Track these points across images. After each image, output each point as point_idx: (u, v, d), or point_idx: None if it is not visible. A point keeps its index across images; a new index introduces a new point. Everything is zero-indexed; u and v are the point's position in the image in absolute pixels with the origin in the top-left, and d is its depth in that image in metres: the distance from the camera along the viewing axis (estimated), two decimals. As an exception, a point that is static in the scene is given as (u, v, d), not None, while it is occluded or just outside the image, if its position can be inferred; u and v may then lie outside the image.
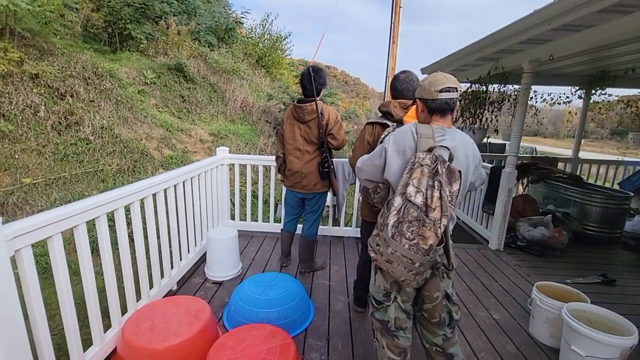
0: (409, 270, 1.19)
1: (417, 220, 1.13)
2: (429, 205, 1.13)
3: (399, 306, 1.41)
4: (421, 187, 1.14)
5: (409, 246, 1.14)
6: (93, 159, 4.77)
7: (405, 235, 1.15)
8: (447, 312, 1.44)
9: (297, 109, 2.40)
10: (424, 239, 1.12)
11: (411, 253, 1.14)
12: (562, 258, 3.37)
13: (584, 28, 2.37)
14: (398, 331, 1.42)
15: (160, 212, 2.20)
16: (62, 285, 1.40)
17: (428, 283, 1.39)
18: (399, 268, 1.20)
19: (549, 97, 4.81)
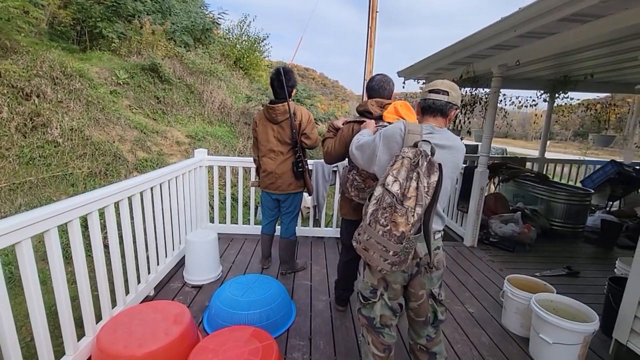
0: (385, 259, 1.22)
1: (390, 207, 1.17)
2: (405, 194, 1.16)
3: (385, 303, 1.44)
4: (399, 177, 1.18)
5: (382, 232, 1.18)
6: (62, 162, 4.55)
7: (379, 221, 1.18)
8: (433, 312, 1.49)
9: (270, 110, 2.41)
10: (396, 225, 1.15)
11: (384, 240, 1.18)
12: (531, 252, 3.55)
13: (547, 35, 2.53)
14: (383, 328, 1.46)
15: (137, 215, 2.14)
16: (33, 295, 1.33)
17: (413, 280, 1.42)
18: (375, 256, 1.23)
19: (517, 100, 5.07)
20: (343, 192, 2.00)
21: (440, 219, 1.43)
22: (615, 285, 2.10)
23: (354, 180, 1.85)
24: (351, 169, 1.89)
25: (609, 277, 2.20)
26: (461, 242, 3.75)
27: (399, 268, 1.27)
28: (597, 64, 3.62)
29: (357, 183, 1.84)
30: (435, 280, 1.45)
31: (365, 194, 1.82)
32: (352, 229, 2.07)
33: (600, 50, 2.98)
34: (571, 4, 1.95)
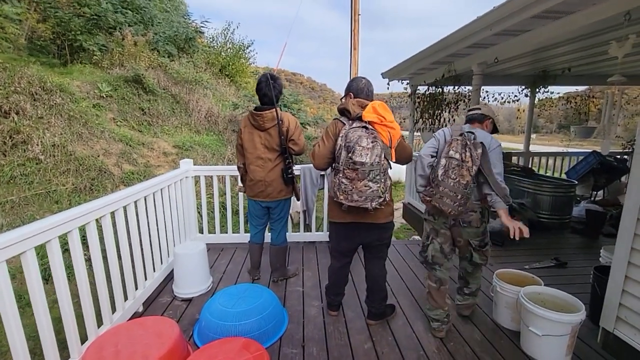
0: (454, 202, 1.84)
1: (457, 166, 1.84)
2: (463, 159, 1.83)
3: (436, 247, 2.10)
4: (458, 150, 1.86)
5: (453, 183, 1.83)
6: (44, 180, 4.46)
7: (450, 177, 1.85)
8: (470, 254, 2.17)
9: (256, 117, 2.39)
10: (463, 177, 1.82)
11: (455, 187, 1.83)
12: (520, 246, 3.58)
13: (521, 32, 2.58)
14: (435, 265, 2.11)
15: (121, 231, 2.10)
16: (10, 319, 1.29)
17: (452, 230, 2.09)
18: (447, 201, 1.85)
19: (499, 96, 5.16)
20: (332, 196, 1.98)
21: (487, 187, 1.94)
22: (600, 274, 2.14)
23: (340, 183, 1.84)
24: (337, 172, 1.88)
25: (594, 266, 2.24)
26: (452, 239, 3.78)
27: (463, 209, 1.87)
28: (573, 58, 3.71)
29: (344, 186, 1.83)
30: (471, 235, 2.08)
31: (353, 196, 1.81)
32: (343, 233, 2.08)
33: (574, 45, 3.06)
34: (541, 1, 1.99)
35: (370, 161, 1.75)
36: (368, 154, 1.75)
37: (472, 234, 2.08)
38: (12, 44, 7.09)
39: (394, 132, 1.89)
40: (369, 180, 1.78)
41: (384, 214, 1.99)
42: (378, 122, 1.85)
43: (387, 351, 1.94)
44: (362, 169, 1.76)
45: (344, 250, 2.13)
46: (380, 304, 2.17)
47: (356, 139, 1.77)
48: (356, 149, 1.75)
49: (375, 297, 2.16)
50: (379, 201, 1.82)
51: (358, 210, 1.90)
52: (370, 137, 1.78)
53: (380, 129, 1.85)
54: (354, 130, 1.82)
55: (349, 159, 1.77)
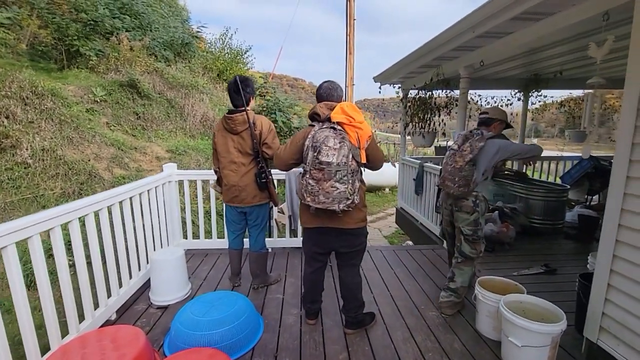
0: (453, 184, 2.26)
1: (453, 154, 2.31)
2: (460, 149, 2.27)
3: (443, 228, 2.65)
4: (458, 142, 2.34)
5: (450, 169, 2.29)
6: (32, 184, 4.43)
7: (448, 163, 2.32)
8: (459, 243, 2.39)
9: (228, 120, 2.35)
10: (456, 162, 2.25)
11: (452, 171, 2.27)
12: (510, 252, 3.52)
13: (504, 35, 2.54)
14: (445, 237, 2.71)
15: (92, 237, 2.05)
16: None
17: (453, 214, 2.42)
18: (449, 184, 2.30)
19: (492, 100, 5.11)
20: (300, 199, 1.93)
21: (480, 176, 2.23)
22: (586, 281, 2.07)
23: (307, 184, 1.80)
24: (305, 173, 1.83)
25: (580, 274, 2.17)
26: (441, 245, 3.71)
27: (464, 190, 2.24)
28: (564, 62, 3.67)
29: (311, 187, 1.78)
30: (463, 221, 2.33)
31: (320, 197, 1.76)
32: (313, 238, 2.03)
33: (562, 48, 3.01)
34: (520, 3, 1.95)
35: (337, 161, 1.72)
36: (335, 154, 1.72)
37: (464, 221, 2.33)
38: (11, 49, 7.15)
39: (361, 132, 1.85)
40: (335, 181, 1.74)
41: (353, 220, 1.94)
42: (347, 122, 1.82)
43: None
44: (328, 169, 1.72)
45: (314, 254, 2.08)
46: (356, 312, 2.11)
47: (323, 139, 1.74)
48: (322, 149, 1.72)
49: (350, 305, 2.09)
50: (347, 203, 1.77)
51: (326, 213, 1.86)
52: (337, 138, 1.75)
53: (349, 129, 1.82)
54: (321, 130, 1.80)
55: (315, 159, 1.74)
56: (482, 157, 2.21)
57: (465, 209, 2.31)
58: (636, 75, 1.56)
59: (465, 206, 2.31)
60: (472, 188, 2.25)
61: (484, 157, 2.21)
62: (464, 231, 2.33)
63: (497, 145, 2.23)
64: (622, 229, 1.67)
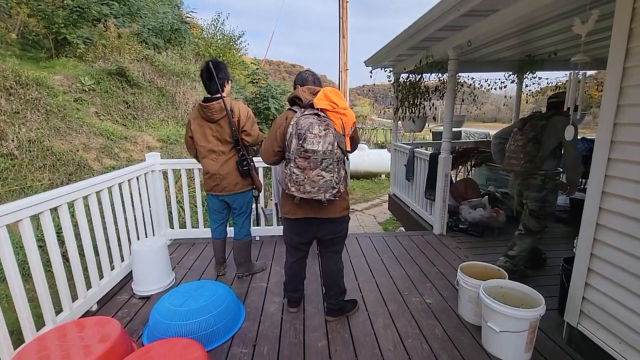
0: (518, 161, 2.42)
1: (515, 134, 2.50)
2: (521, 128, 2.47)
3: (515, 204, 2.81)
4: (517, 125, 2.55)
5: (514, 147, 2.47)
6: (20, 176, 4.38)
7: (511, 143, 2.52)
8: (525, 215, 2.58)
9: (204, 109, 2.28)
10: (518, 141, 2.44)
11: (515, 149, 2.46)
12: (500, 236, 3.50)
13: (491, 12, 2.44)
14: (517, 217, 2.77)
15: (67, 228, 2.02)
16: None
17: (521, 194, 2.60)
18: (514, 162, 2.46)
19: (486, 82, 5.00)
20: (283, 189, 1.89)
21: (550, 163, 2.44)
22: (569, 265, 2.04)
23: (292, 174, 1.73)
24: (288, 162, 1.77)
25: (563, 258, 2.14)
26: (430, 231, 3.69)
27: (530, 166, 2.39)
28: (558, 42, 3.55)
29: (295, 176, 1.72)
30: (531, 199, 2.48)
31: (306, 187, 1.71)
32: (296, 228, 1.99)
33: (554, 27, 2.90)
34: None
35: (323, 149, 1.66)
36: (320, 142, 1.65)
37: (532, 199, 2.47)
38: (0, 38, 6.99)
39: (346, 119, 1.79)
40: (321, 170, 1.68)
41: (338, 209, 1.90)
42: (330, 109, 1.75)
43: (341, 349, 1.87)
44: (314, 157, 1.66)
45: (297, 244, 2.04)
46: (338, 299, 2.09)
47: (307, 126, 1.67)
48: (307, 137, 1.65)
49: (332, 292, 2.08)
50: (333, 192, 1.73)
51: (311, 203, 1.81)
52: (322, 125, 1.68)
53: (333, 116, 1.75)
54: (305, 117, 1.72)
55: (300, 147, 1.67)
56: (545, 135, 2.35)
57: (533, 188, 2.44)
58: (618, 52, 1.49)
59: (533, 185, 2.44)
60: (538, 164, 2.37)
61: (547, 135, 2.34)
62: (530, 206, 2.48)
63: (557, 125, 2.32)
64: (603, 212, 1.63)
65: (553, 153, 2.40)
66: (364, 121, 18.67)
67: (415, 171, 4.18)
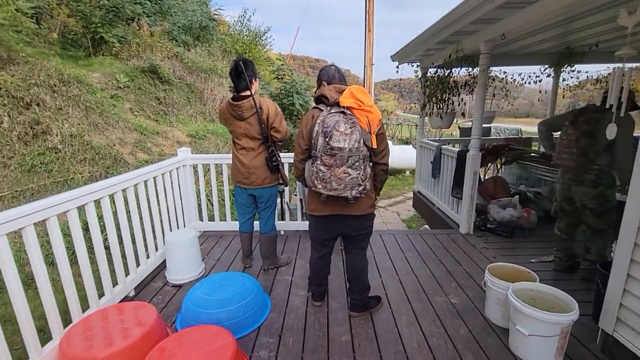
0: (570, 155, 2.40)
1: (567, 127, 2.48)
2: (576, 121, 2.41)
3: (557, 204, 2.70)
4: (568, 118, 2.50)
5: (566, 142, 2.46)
6: (63, 168, 4.70)
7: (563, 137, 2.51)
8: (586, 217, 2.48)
9: (234, 107, 2.34)
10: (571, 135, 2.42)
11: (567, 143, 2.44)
12: (530, 237, 3.37)
13: (527, 4, 2.34)
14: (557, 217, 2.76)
15: (108, 219, 2.16)
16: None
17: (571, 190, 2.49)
18: (565, 156, 2.44)
19: (519, 77, 4.79)
20: (310, 186, 1.92)
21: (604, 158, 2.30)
22: (606, 271, 1.95)
23: (318, 171, 1.76)
24: (315, 160, 1.80)
25: (600, 262, 2.05)
26: (457, 230, 3.62)
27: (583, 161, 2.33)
28: (600, 32, 3.34)
29: (322, 174, 1.75)
30: (585, 195, 2.39)
31: (332, 184, 1.74)
32: (322, 225, 2.01)
33: (596, 17, 2.73)
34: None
35: (349, 146, 1.68)
36: (346, 139, 1.68)
37: (586, 195, 2.38)
38: (43, 38, 7.46)
39: (372, 116, 1.80)
40: (348, 167, 1.71)
41: (363, 206, 1.91)
42: (356, 107, 1.77)
43: (365, 344, 1.90)
44: (340, 154, 1.68)
45: (323, 241, 2.07)
46: (362, 295, 2.11)
47: (333, 124, 1.69)
48: (334, 134, 1.67)
49: (356, 288, 2.10)
50: (359, 189, 1.75)
51: (337, 201, 1.84)
52: (348, 123, 1.70)
53: (359, 114, 1.77)
54: (331, 115, 1.74)
55: (327, 144, 1.70)
56: (600, 128, 2.23)
57: (587, 184, 2.35)
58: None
59: (587, 180, 2.35)
60: (592, 159, 2.30)
61: (602, 129, 2.17)
62: (588, 205, 2.39)
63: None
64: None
65: (608, 147, 2.27)
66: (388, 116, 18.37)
67: (442, 168, 4.09)
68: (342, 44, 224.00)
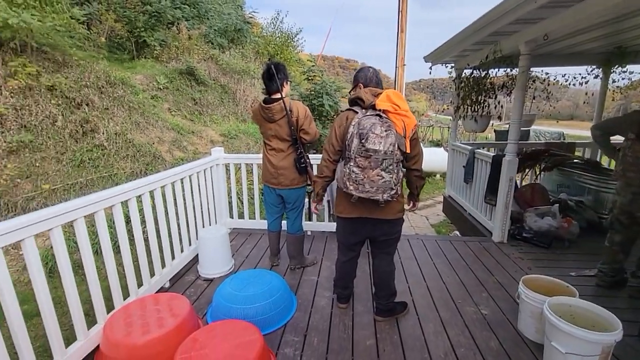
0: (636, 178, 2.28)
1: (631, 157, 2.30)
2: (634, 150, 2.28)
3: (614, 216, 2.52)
4: None
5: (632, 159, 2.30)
6: (108, 164, 5.04)
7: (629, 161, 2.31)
8: None
9: (265, 110, 2.41)
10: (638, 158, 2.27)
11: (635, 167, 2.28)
12: (570, 249, 3.18)
13: (574, 3, 2.20)
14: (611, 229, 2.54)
15: (147, 214, 2.30)
16: (39, 285, 1.51)
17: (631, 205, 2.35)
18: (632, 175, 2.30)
19: (563, 78, 4.52)
20: (340, 187, 1.92)
21: None
22: (657, 290, 1.80)
23: (351, 172, 1.76)
24: (348, 161, 1.79)
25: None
26: (489, 237, 3.48)
27: None
28: (657, 30, 3.08)
29: (355, 175, 1.74)
30: None
31: (365, 186, 1.74)
32: (350, 228, 2.02)
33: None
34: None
35: (384, 149, 1.68)
36: (382, 142, 1.68)
37: None
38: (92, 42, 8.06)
39: (408, 121, 1.79)
40: (381, 170, 1.71)
41: (393, 210, 1.90)
42: (392, 110, 1.76)
43: (389, 350, 1.88)
44: (375, 156, 1.69)
45: (350, 244, 2.08)
46: (388, 300, 2.10)
47: (370, 126, 1.70)
48: (370, 136, 1.68)
49: (382, 293, 2.09)
50: (391, 193, 1.75)
51: (367, 204, 1.84)
52: (384, 126, 1.70)
53: (394, 117, 1.76)
54: (367, 117, 1.74)
55: (362, 146, 1.70)
56: None
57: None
58: None
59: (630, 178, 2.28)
60: None
61: None
62: None
63: None
64: None
65: None
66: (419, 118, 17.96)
67: (475, 173, 3.95)
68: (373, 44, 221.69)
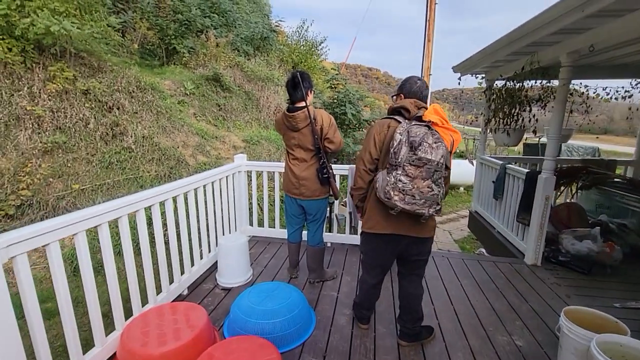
0: None
1: None
2: None
3: None
4: None
5: None
6: (134, 166, 5.17)
7: None
8: None
9: (289, 118, 2.36)
10: None
11: None
12: (613, 277, 2.92)
13: (625, 12, 2.04)
14: None
15: (169, 219, 2.29)
16: (60, 289, 1.50)
17: None
18: None
19: (604, 91, 4.25)
20: (382, 198, 1.70)
21: None
22: None
23: (398, 181, 1.62)
24: (395, 168, 1.64)
25: None
26: (521, 259, 3.27)
27: None
28: None
29: (402, 185, 1.61)
30: None
31: (414, 198, 1.61)
32: (383, 246, 1.85)
33: None
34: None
35: (437, 160, 1.59)
36: (434, 152, 1.59)
37: None
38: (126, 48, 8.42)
39: (456, 136, 1.71)
40: (432, 182, 1.62)
41: (428, 228, 1.80)
42: (440, 124, 1.67)
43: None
44: (428, 166, 1.59)
45: (381, 265, 1.94)
46: (414, 324, 1.97)
47: (422, 135, 1.60)
48: (423, 144, 1.59)
49: (408, 317, 1.96)
50: (437, 208, 1.66)
51: (404, 219, 1.72)
52: (434, 137, 1.62)
53: (442, 131, 1.66)
54: (417, 127, 1.64)
55: (413, 154, 1.59)
56: None
57: None
58: None
59: None
60: None
61: None
62: None
63: None
64: None
65: None
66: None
67: (506, 190, 3.75)
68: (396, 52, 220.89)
